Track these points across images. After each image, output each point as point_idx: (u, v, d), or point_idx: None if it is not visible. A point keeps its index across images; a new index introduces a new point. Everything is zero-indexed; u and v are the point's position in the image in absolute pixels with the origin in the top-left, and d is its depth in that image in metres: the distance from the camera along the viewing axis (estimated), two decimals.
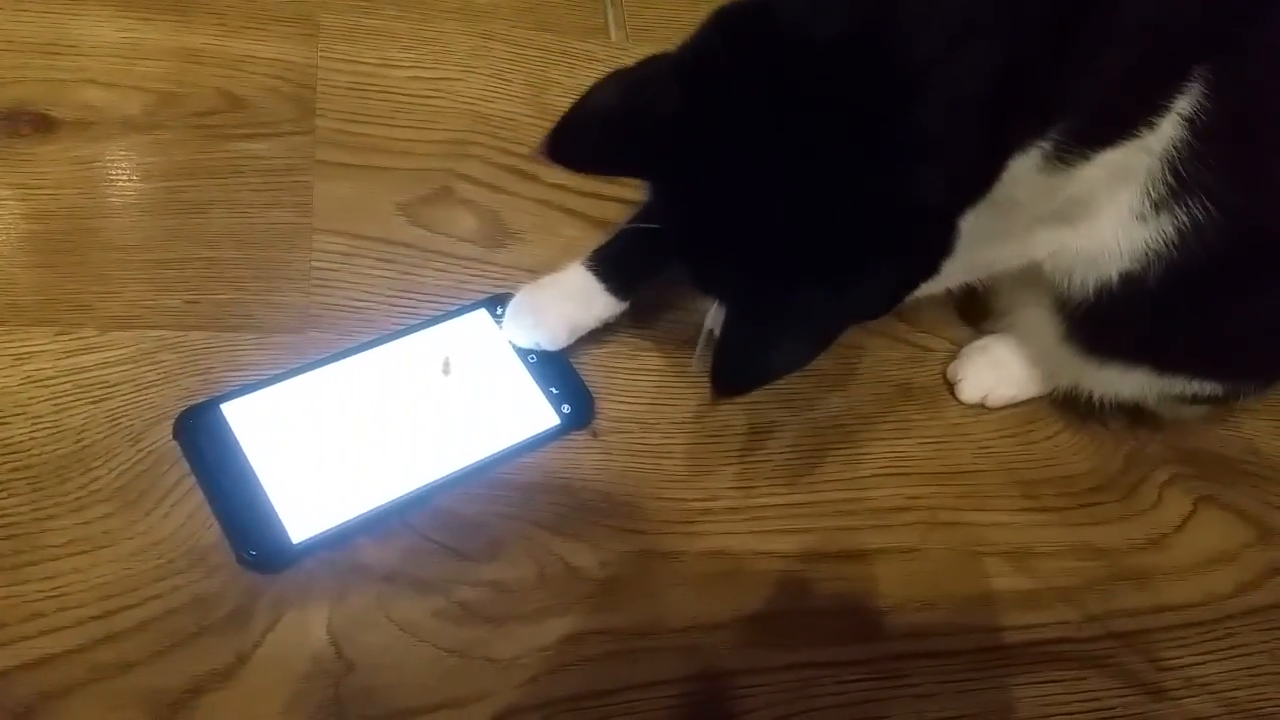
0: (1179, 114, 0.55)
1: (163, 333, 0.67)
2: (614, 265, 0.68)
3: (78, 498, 0.60)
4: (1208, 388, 0.71)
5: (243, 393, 0.64)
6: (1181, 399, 0.72)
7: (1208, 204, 0.57)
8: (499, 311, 0.71)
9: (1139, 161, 0.57)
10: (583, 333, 0.70)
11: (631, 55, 0.92)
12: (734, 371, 0.54)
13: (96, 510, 0.59)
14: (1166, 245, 0.59)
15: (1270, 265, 0.62)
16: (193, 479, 0.61)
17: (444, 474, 0.64)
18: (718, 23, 0.51)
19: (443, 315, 0.71)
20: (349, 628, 0.59)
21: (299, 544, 0.60)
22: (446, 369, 0.68)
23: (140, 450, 0.62)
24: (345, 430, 0.65)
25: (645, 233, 0.63)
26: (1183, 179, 0.57)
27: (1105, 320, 0.65)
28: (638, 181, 0.81)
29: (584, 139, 0.53)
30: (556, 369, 0.70)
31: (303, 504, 0.61)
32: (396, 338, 0.70)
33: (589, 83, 0.88)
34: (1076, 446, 0.78)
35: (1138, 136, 0.56)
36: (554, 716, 0.59)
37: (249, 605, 0.58)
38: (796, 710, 0.62)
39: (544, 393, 0.69)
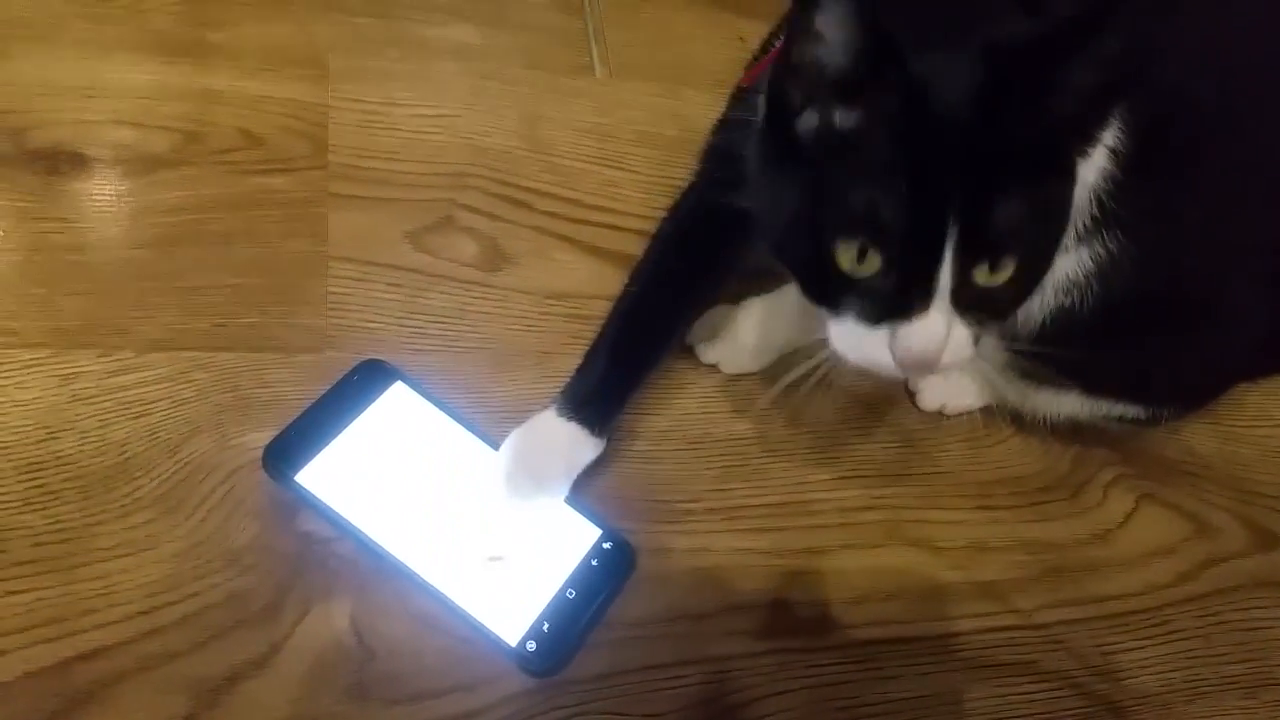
0: (1105, 145, 0.60)
1: (195, 354, 0.73)
2: (591, 409, 0.70)
3: (123, 505, 0.66)
4: (1131, 411, 0.78)
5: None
6: (1110, 419, 0.79)
7: (1123, 237, 0.63)
8: (606, 545, 0.70)
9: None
10: (576, 476, 0.71)
11: (614, 90, 1.00)
12: None
13: (140, 516, 0.66)
14: (1086, 279, 0.65)
15: (1172, 300, 0.68)
16: (226, 487, 0.68)
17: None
18: None
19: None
20: (370, 619, 0.65)
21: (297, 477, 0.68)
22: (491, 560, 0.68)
23: (178, 461, 0.68)
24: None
25: (613, 358, 0.71)
26: (1106, 211, 0.62)
27: (1039, 349, 0.71)
28: (627, 208, 0.89)
29: None
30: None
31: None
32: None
33: (578, 116, 0.97)
34: (1026, 450, 0.85)
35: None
36: (554, 698, 0.65)
37: (279, 600, 0.65)
38: (774, 691, 0.69)
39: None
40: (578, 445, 0.70)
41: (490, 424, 0.74)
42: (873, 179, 0.52)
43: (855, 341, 0.57)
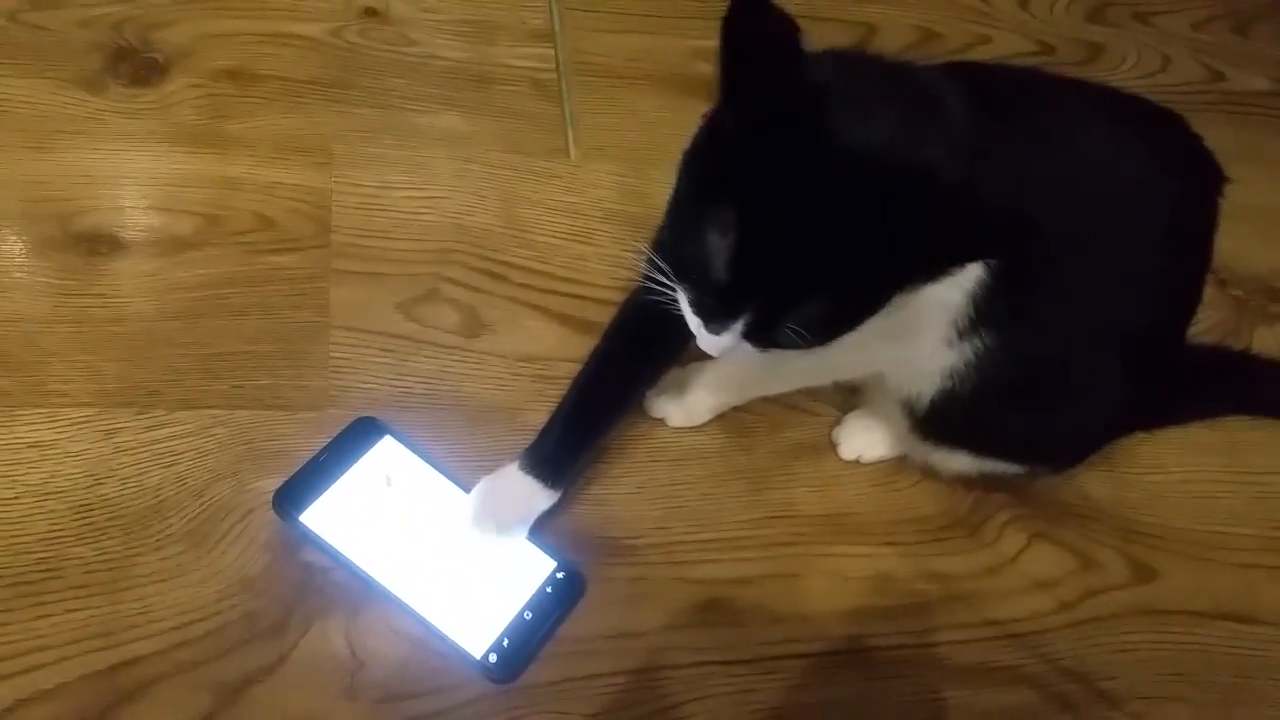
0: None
1: (216, 411, 0.87)
2: (549, 466, 0.82)
3: (157, 540, 0.79)
4: (1012, 469, 0.92)
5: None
6: (995, 473, 0.93)
7: (994, 334, 0.76)
8: (559, 575, 0.83)
9: (952, 296, 0.75)
10: (532, 521, 0.84)
11: (585, 171, 1.13)
12: None
13: (172, 549, 0.79)
14: (966, 367, 0.79)
15: (1038, 384, 0.81)
16: (242, 525, 0.82)
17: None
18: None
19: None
20: (361, 635, 0.79)
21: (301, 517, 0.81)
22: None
23: (202, 503, 0.82)
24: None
25: (569, 427, 0.83)
26: (980, 312, 0.75)
27: (931, 420, 0.85)
28: (593, 279, 1.02)
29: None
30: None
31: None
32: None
33: (552, 196, 1.10)
34: (932, 493, 0.98)
35: (951, 275, 0.71)
36: (511, 699, 0.79)
37: (286, 619, 0.78)
38: (697, 696, 0.82)
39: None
40: (535, 496, 0.83)
41: (465, 472, 0.87)
42: (713, 253, 0.62)
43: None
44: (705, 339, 0.67)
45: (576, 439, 0.85)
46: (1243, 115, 1.44)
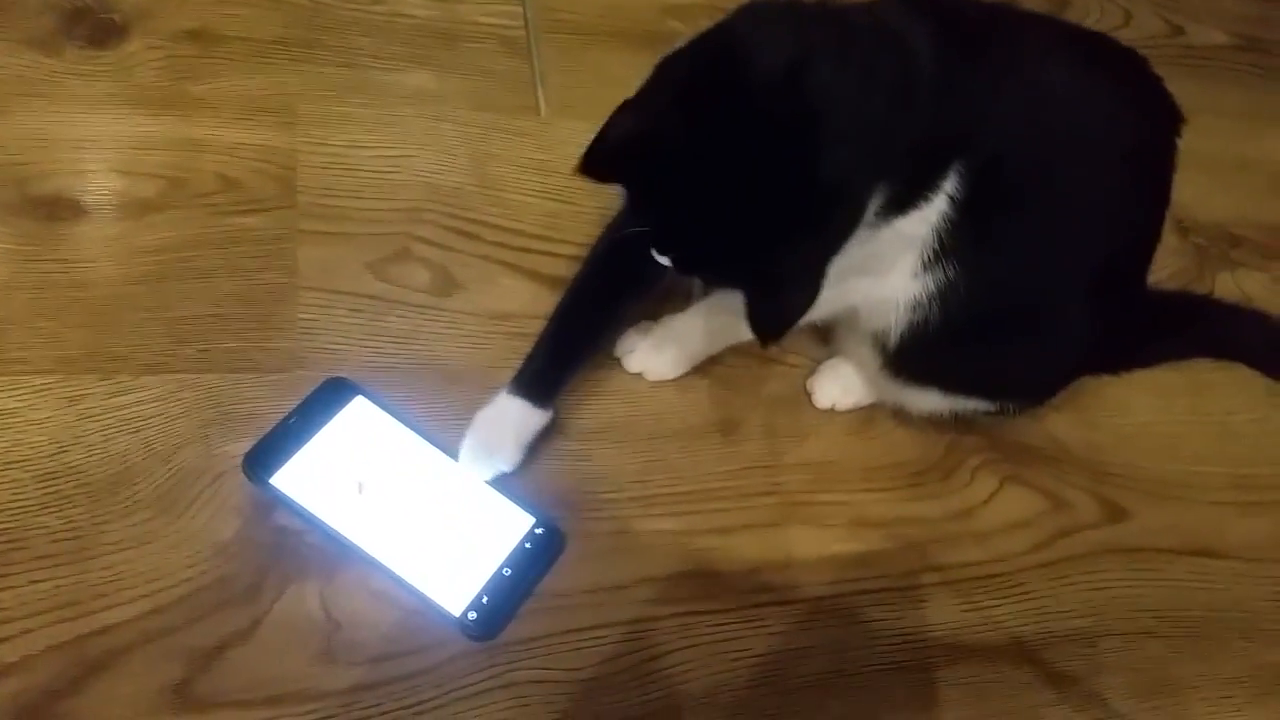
0: (946, 193, 0.74)
1: (183, 376, 0.85)
2: (537, 385, 0.85)
3: (125, 506, 0.78)
4: (982, 405, 0.92)
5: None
6: (966, 411, 0.93)
7: (959, 265, 0.77)
8: (538, 531, 0.84)
9: (918, 230, 0.76)
10: (527, 446, 0.86)
11: (556, 129, 1.12)
12: (768, 325, 0.72)
13: (140, 515, 0.78)
14: (929, 300, 0.80)
15: (1003, 317, 0.82)
16: (212, 489, 0.81)
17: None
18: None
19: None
20: (336, 597, 0.78)
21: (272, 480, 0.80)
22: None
23: (170, 469, 0.81)
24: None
25: (555, 345, 0.85)
26: (945, 246, 0.77)
27: (901, 355, 0.86)
28: (565, 236, 1.01)
29: (604, 163, 0.72)
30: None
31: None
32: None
33: (522, 154, 1.08)
34: (906, 440, 0.98)
35: (918, 209, 0.75)
36: (491, 657, 0.79)
37: (260, 582, 0.78)
38: (678, 647, 0.83)
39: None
40: (528, 417, 0.84)
41: (440, 430, 0.86)
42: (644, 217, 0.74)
43: None
44: (657, 258, 0.75)
45: (563, 358, 0.87)
46: (1202, 68, 1.46)
